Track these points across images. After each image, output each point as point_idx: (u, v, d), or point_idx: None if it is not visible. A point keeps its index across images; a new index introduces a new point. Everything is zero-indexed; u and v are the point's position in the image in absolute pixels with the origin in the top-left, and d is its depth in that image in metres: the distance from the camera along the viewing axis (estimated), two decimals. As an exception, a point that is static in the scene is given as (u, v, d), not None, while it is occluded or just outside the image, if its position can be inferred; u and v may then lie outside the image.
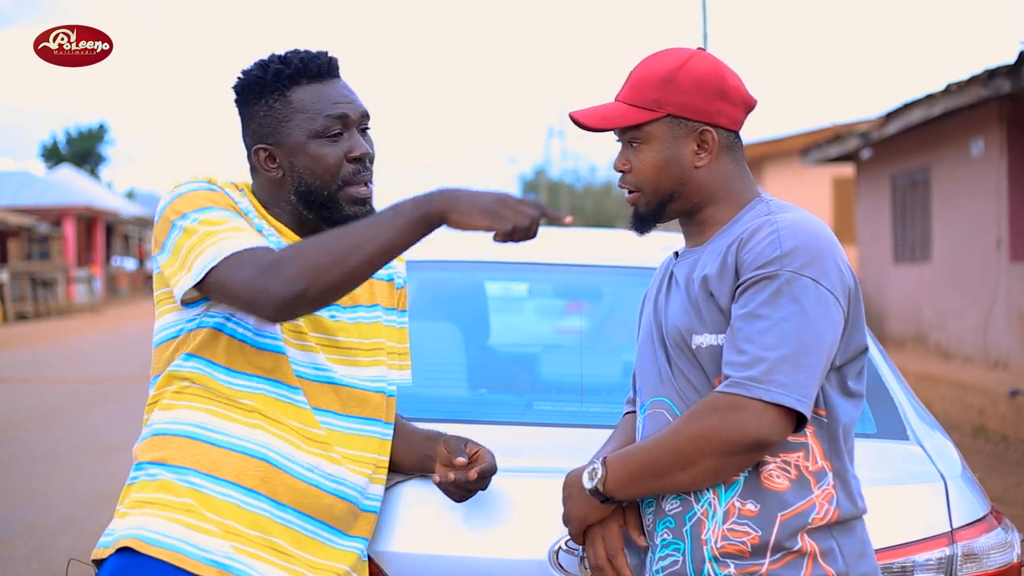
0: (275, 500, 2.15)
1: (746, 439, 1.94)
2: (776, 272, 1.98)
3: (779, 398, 1.93)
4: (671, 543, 2.08)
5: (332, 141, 2.19)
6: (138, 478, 2.19)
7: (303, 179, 2.19)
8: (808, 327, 1.96)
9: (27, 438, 9.77)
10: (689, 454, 1.98)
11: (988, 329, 11.78)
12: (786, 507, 2.00)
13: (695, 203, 2.16)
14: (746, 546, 2.01)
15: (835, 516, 2.02)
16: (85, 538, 6.26)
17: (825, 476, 2.03)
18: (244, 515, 2.12)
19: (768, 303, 1.97)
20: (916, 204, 14.39)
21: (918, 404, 2.83)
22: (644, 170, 2.14)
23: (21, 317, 28.33)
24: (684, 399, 2.09)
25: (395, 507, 2.39)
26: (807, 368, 1.95)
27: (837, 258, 2.04)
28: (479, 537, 2.35)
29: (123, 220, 43.75)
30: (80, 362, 16.79)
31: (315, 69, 2.19)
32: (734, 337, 1.99)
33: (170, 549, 2.07)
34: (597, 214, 49.11)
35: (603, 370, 3.54)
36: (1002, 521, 2.44)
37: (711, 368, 2.06)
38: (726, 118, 2.14)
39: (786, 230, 2.03)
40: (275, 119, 2.19)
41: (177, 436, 2.16)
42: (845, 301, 2.03)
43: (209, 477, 2.12)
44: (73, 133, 60.98)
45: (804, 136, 21.91)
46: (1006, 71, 10.23)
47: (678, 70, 2.12)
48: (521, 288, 5.15)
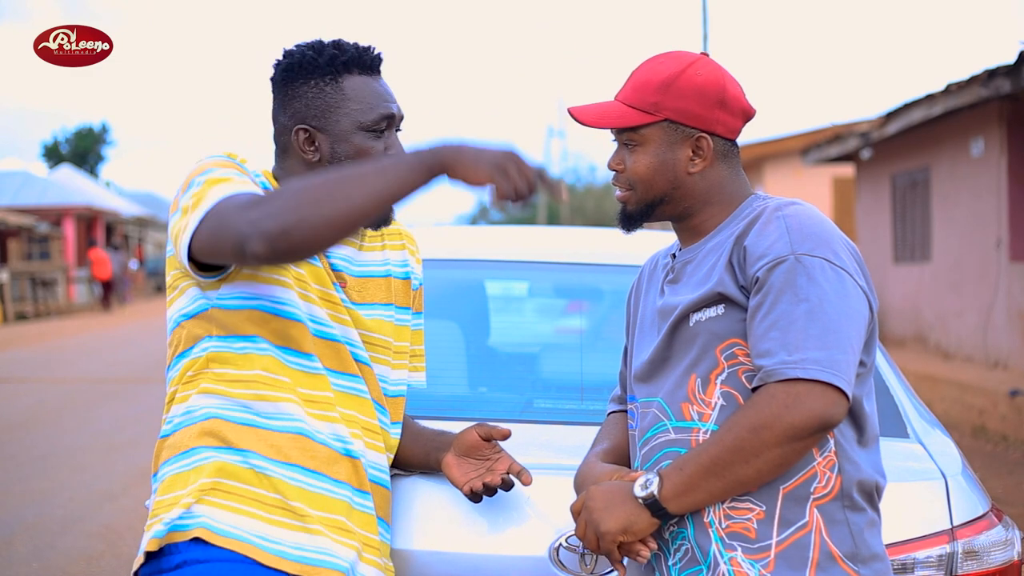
0: (335, 479, 2.17)
1: (811, 422, 1.90)
2: (786, 255, 1.97)
3: (817, 374, 1.89)
4: (678, 532, 2.06)
5: (376, 136, 2.22)
6: (193, 463, 2.14)
7: (339, 166, 2.19)
8: (830, 304, 1.94)
9: (27, 438, 9.77)
10: (753, 446, 1.91)
11: (988, 329, 11.78)
12: (787, 479, 1.98)
13: (685, 207, 2.16)
14: (751, 523, 1.99)
15: (838, 483, 1.99)
16: (85, 538, 6.27)
17: (827, 443, 2.01)
18: (310, 497, 2.14)
19: (786, 287, 1.95)
20: (916, 204, 14.39)
21: (918, 402, 2.83)
22: (638, 172, 2.15)
23: (21, 317, 28.33)
24: (674, 391, 2.08)
25: (397, 505, 2.39)
26: (835, 344, 1.92)
27: (842, 239, 2.04)
28: (480, 534, 2.35)
29: (123, 220, 43.75)
30: (80, 362, 16.79)
31: (368, 61, 2.22)
32: (758, 324, 1.96)
33: (240, 540, 2.08)
34: (597, 214, 49.11)
35: (603, 369, 3.54)
36: (1002, 519, 2.45)
37: (712, 340, 2.04)
38: (723, 127, 2.13)
39: (791, 217, 2.03)
40: (325, 103, 2.20)
41: (229, 421, 2.14)
42: (862, 279, 2.02)
43: (272, 461, 2.13)
44: (72, 132, 60.96)
45: (804, 136, 21.91)
46: (1006, 71, 10.23)
47: (679, 75, 2.12)
48: (521, 287, 5.14)
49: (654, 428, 2.12)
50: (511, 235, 4.40)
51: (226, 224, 1.98)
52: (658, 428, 2.11)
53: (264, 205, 1.96)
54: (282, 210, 1.93)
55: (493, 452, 2.35)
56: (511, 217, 56.70)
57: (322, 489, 2.16)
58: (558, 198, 2.05)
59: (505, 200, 1.96)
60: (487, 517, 2.36)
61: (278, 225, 1.93)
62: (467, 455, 2.35)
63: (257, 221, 1.93)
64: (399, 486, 2.42)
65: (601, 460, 2.21)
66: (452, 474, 2.36)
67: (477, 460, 2.35)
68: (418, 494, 2.42)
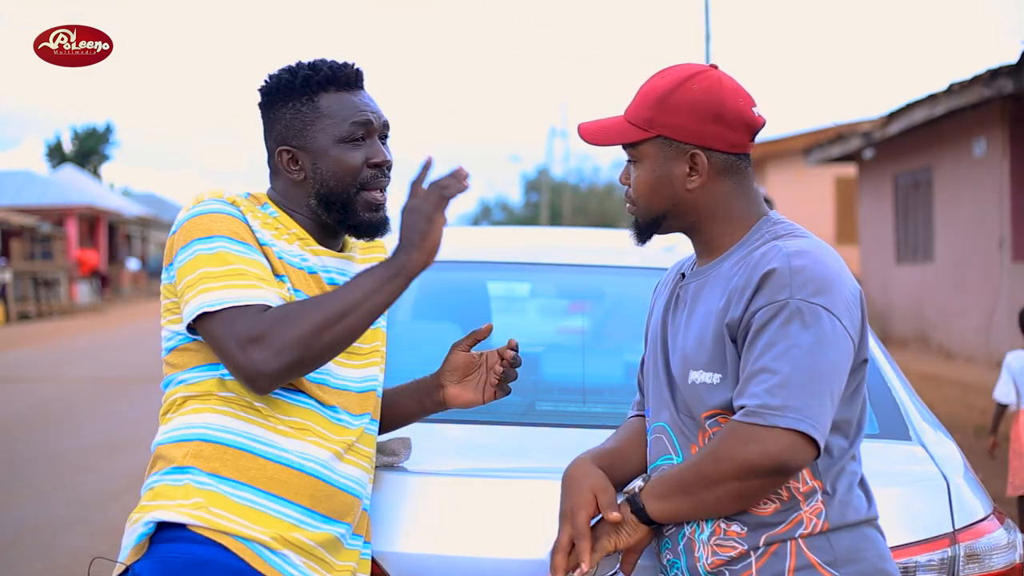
0: (322, 515, 2.18)
1: (766, 464, 1.94)
2: (786, 300, 1.98)
3: (793, 423, 1.92)
4: (673, 562, 2.12)
5: (355, 146, 2.25)
6: (183, 481, 2.14)
7: (324, 181, 2.24)
8: (821, 354, 1.96)
9: (29, 438, 9.78)
10: (713, 475, 1.98)
11: (991, 329, 11.78)
12: (772, 528, 2.02)
13: (691, 222, 2.16)
14: (735, 552, 2.04)
15: (825, 527, 2.02)
16: (87, 538, 6.27)
17: (815, 495, 2.04)
18: (296, 530, 2.15)
19: (780, 331, 1.96)
20: (918, 204, 14.39)
21: (921, 404, 2.82)
22: (639, 187, 2.16)
23: (24, 317, 28.37)
24: (682, 427, 2.12)
25: (398, 507, 2.39)
26: (819, 394, 1.95)
27: (845, 286, 2.04)
28: (481, 537, 2.35)
29: (125, 220, 43.80)
30: (83, 362, 16.81)
31: (343, 78, 2.26)
32: (748, 365, 1.99)
33: (229, 536, 2.08)
34: (600, 214, 49.14)
35: (605, 370, 3.54)
36: (1004, 521, 2.44)
37: (699, 404, 2.08)
38: (721, 141, 2.11)
39: (795, 257, 2.02)
40: (301, 122, 2.25)
41: (225, 445, 2.14)
42: (855, 331, 2.03)
43: (265, 494, 2.13)
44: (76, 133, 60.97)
45: (806, 136, 21.92)
46: (1008, 71, 10.24)
47: (674, 91, 2.11)
48: (523, 288, 5.14)
49: (662, 458, 2.17)
50: (513, 236, 4.40)
51: (226, 353, 2.07)
52: (665, 459, 2.16)
53: (263, 343, 2.04)
54: (282, 350, 2.04)
55: (481, 357, 2.40)
56: (513, 218, 56.71)
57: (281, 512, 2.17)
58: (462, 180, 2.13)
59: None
60: (488, 520, 2.36)
61: (280, 365, 2.05)
62: (464, 377, 2.40)
63: (259, 363, 2.04)
64: (402, 489, 2.41)
65: (595, 462, 2.22)
66: (466, 398, 2.41)
67: (474, 375, 2.40)
68: (420, 497, 2.42)
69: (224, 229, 2.15)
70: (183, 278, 2.13)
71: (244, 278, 2.11)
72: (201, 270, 2.11)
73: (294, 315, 2.06)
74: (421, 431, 2.55)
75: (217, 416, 2.16)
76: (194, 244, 2.14)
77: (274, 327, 2.05)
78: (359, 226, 2.26)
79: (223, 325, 2.07)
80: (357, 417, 2.26)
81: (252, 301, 2.09)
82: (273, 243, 2.21)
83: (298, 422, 2.17)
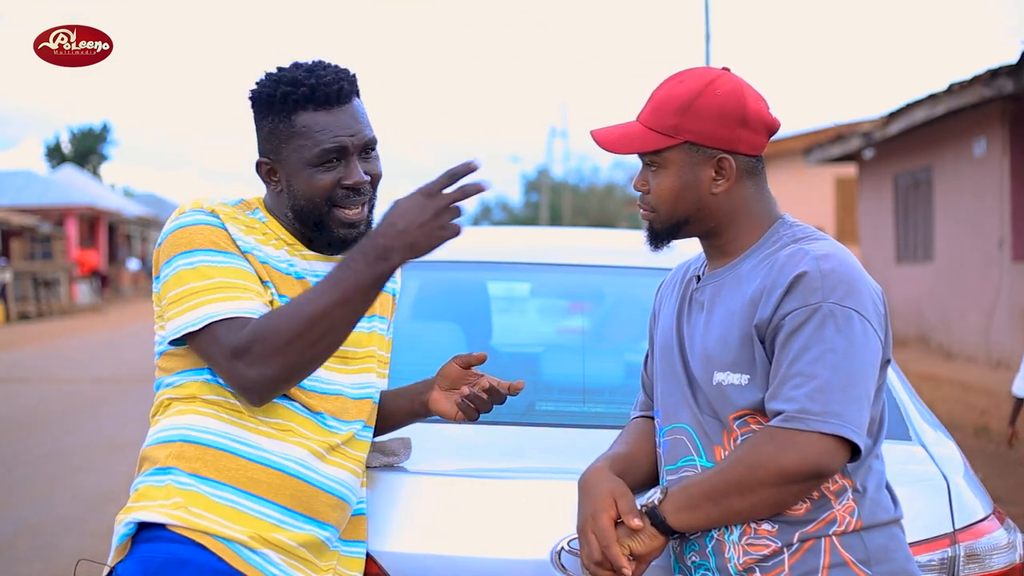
0: (304, 515, 2.17)
1: (803, 469, 1.93)
2: (818, 304, 1.97)
3: (836, 429, 1.92)
4: (701, 564, 2.10)
5: (327, 169, 2.21)
6: (164, 482, 2.14)
7: (296, 199, 2.23)
8: (855, 357, 1.96)
9: (29, 438, 9.78)
10: (747, 482, 1.97)
11: (991, 329, 11.78)
12: (805, 525, 2.02)
13: (711, 227, 2.15)
14: (767, 550, 2.02)
15: (858, 525, 2.02)
16: (88, 538, 6.27)
17: (845, 493, 2.03)
18: (276, 530, 2.14)
19: (815, 335, 1.96)
20: (918, 204, 14.39)
21: (921, 404, 2.82)
22: (661, 194, 2.13)
23: (24, 317, 28.36)
24: (704, 428, 2.10)
25: (397, 507, 2.39)
26: (857, 398, 1.95)
27: (870, 287, 2.04)
28: (481, 537, 2.35)
29: (125, 220, 43.79)
30: (82, 362, 16.81)
31: (322, 97, 2.20)
32: (781, 368, 1.98)
33: (208, 535, 2.08)
34: (600, 214, 49.14)
35: (605, 370, 3.54)
36: (1004, 521, 2.44)
37: (725, 405, 2.06)
38: (746, 144, 2.11)
39: (823, 260, 2.01)
40: (277, 139, 2.23)
41: (206, 446, 2.14)
42: (881, 332, 2.04)
43: (245, 494, 2.13)
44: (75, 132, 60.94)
45: (806, 136, 21.93)
46: (1008, 71, 10.24)
47: (698, 96, 2.09)
48: (523, 288, 5.14)
49: (684, 459, 2.15)
50: (513, 236, 4.39)
51: (218, 368, 2.10)
52: (687, 461, 2.14)
53: (248, 356, 2.04)
54: (268, 360, 2.04)
55: (476, 379, 2.37)
56: (513, 218, 56.68)
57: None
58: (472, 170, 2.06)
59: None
60: (488, 520, 2.36)
61: (269, 375, 2.06)
62: (452, 387, 2.38)
63: (248, 375, 2.06)
64: (401, 489, 2.41)
65: (610, 468, 2.20)
66: (441, 407, 2.38)
67: (463, 389, 2.38)
68: (419, 497, 2.42)
69: (204, 241, 2.15)
70: (166, 293, 2.15)
71: (227, 290, 2.12)
72: (184, 287, 2.12)
73: (275, 322, 2.05)
74: (420, 431, 2.55)
75: (199, 417, 2.16)
76: (175, 260, 2.15)
77: (256, 338, 2.05)
78: (334, 243, 2.25)
79: (209, 341, 2.09)
80: (346, 423, 2.25)
81: (235, 314, 2.09)
82: (257, 248, 2.21)
83: (280, 423, 2.17)
